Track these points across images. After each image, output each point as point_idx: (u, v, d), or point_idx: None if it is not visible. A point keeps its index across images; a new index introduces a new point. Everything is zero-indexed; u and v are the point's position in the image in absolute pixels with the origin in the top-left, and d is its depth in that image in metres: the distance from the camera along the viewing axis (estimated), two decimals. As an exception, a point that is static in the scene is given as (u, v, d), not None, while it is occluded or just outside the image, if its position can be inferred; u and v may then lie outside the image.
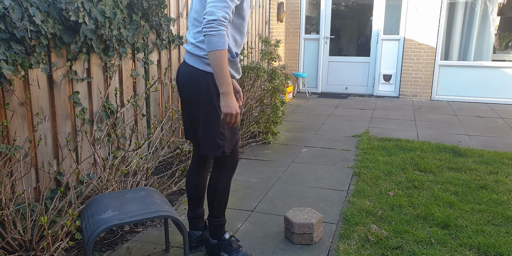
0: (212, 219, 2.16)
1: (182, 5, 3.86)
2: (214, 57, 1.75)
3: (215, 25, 1.73)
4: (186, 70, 1.99)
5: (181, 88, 2.05)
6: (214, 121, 1.96)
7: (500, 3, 7.04)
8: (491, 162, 3.73)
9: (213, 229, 2.17)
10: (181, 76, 2.02)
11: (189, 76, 1.97)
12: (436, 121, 5.50)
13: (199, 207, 2.26)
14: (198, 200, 2.25)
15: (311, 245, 2.34)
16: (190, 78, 1.97)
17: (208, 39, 1.74)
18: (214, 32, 1.73)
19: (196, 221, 2.26)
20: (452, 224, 2.54)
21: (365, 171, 3.49)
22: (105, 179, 2.41)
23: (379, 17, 7.18)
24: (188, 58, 2.00)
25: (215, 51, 1.74)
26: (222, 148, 2.00)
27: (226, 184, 2.13)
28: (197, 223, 2.27)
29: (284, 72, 5.66)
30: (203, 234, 2.27)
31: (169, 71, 3.74)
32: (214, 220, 2.16)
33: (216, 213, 2.14)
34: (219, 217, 2.15)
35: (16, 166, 2.17)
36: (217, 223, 2.16)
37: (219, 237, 2.17)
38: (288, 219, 2.37)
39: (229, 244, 2.16)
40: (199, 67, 1.93)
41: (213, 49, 1.74)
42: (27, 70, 2.25)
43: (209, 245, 2.18)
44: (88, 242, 1.71)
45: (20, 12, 2.09)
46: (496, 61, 6.83)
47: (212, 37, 1.73)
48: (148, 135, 3.47)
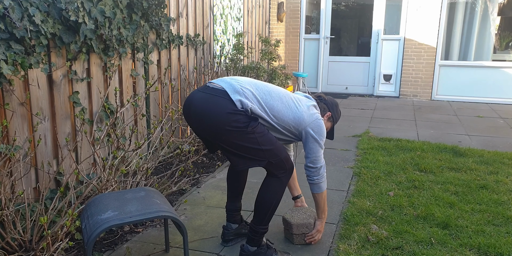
0: (258, 225, 2.09)
1: (182, 5, 3.86)
2: (322, 196, 2.26)
3: (321, 172, 2.19)
4: (211, 98, 1.91)
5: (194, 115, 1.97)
6: (248, 144, 1.93)
7: (500, 3, 7.03)
8: (491, 162, 3.72)
9: (257, 236, 2.10)
10: (200, 104, 1.93)
11: (213, 106, 1.90)
12: (436, 121, 5.50)
13: (238, 200, 2.34)
14: (238, 194, 2.33)
15: (311, 245, 2.33)
16: (215, 105, 1.90)
17: (319, 185, 2.21)
18: (323, 179, 2.21)
19: (234, 213, 2.34)
20: (452, 224, 2.54)
21: (365, 171, 3.49)
22: (105, 179, 2.41)
23: (379, 17, 7.17)
24: (227, 86, 1.94)
25: (324, 192, 2.26)
26: (265, 160, 2.00)
27: (282, 190, 2.11)
28: (235, 215, 2.34)
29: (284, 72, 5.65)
30: (239, 227, 2.35)
31: (169, 71, 3.74)
32: (261, 227, 2.09)
33: (266, 220, 2.09)
34: (266, 224, 2.10)
35: (16, 166, 2.17)
36: (263, 230, 2.10)
37: (259, 244, 2.12)
38: (286, 220, 2.35)
39: (268, 248, 2.15)
40: (233, 98, 1.90)
41: (323, 190, 2.23)
42: (26, 70, 2.24)
43: (247, 254, 2.11)
44: (88, 242, 1.70)
45: (20, 12, 2.08)
46: (496, 61, 6.83)
47: (323, 184, 2.22)
48: (148, 135, 3.47)
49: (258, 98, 1.97)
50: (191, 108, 1.97)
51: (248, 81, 2.03)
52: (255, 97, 1.96)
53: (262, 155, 1.98)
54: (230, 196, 2.35)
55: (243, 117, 1.90)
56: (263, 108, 1.98)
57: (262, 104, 1.98)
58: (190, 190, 3.14)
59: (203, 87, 2.02)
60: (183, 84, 4.04)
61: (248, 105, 1.92)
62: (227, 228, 2.33)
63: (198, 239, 2.41)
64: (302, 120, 2.07)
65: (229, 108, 1.88)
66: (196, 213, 2.75)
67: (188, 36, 4.00)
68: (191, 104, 1.98)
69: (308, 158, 2.15)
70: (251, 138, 1.92)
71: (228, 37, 5.11)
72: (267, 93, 2.01)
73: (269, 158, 2.00)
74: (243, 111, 1.91)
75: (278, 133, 2.09)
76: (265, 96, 1.99)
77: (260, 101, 1.98)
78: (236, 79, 2.02)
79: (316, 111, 2.16)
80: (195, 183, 3.29)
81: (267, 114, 1.99)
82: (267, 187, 2.09)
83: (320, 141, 2.12)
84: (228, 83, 1.97)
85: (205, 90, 1.98)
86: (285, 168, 2.07)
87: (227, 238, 2.32)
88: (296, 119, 2.06)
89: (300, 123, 2.07)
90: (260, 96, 1.98)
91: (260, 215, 2.08)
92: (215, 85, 1.98)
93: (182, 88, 4.03)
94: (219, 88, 1.95)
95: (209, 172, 3.54)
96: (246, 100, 1.92)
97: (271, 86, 2.08)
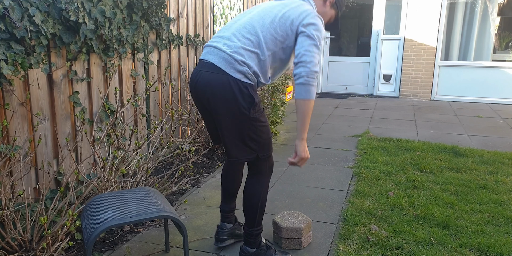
0: (251, 228, 2.06)
1: (182, 5, 3.86)
2: (307, 105, 1.85)
3: (315, 77, 1.84)
4: (212, 78, 1.85)
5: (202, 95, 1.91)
6: (248, 129, 1.89)
7: (500, 3, 7.04)
8: (491, 162, 3.73)
9: (253, 238, 2.08)
10: (204, 85, 1.87)
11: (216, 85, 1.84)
12: (436, 121, 5.50)
13: (233, 201, 2.29)
14: (232, 195, 2.27)
15: (311, 245, 2.33)
16: (218, 87, 1.83)
17: (307, 88, 1.83)
18: (315, 83, 1.85)
19: (229, 214, 2.29)
20: (452, 224, 2.54)
21: (365, 171, 3.49)
22: (105, 179, 2.41)
23: (379, 17, 7.18)
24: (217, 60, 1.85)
25: (310, 100, 1.84)
26: (255, 152, 1.96)
27: (265, 190, 2.06)
28: (230, 216, 2.30)
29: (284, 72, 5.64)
30: (233, 227, 2.31)
31: (169, 71, 3.74)
32: (254, 229, 2.06)
33: (257, 222, 2.06)
34: (259, 225, 2.08)
35: (16, 166, 2.17)
36: (257, 231, 2.07)
37: (258, 245, 2.10)
38: (276, 223, 2.32)
39: (268, 248, 2.13)
40: (231, 74, 1.82)
41: (309, 98, 1.84)
42: (27, 70, 2.24)
43: (248, 255, 2.09)
44: (88, 242, 1.71)
45: (20, 12, 2.08)
46: (496, 61, 6.83)
47: (312, 87, 1.84)
48: (148, 135, 3.47)
49: (254, 51, 1.85)
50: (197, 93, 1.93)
51: (237, 29, 1.90)
52: (251, 52, 1.85)
53: (256, 146, 1.94)
54: (225, 197, 2.29)
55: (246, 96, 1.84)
56: (261, 57, 1.87)
57: (260, 56, 1.86)
58: (190, 190, 3.14)
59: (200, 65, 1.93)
60: (183, 84, 4.04)
61: (251, 70, 1.84)
62: (221, 227, 2.29)
63: (198, 239, 2.41)
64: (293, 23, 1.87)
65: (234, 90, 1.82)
66: (196, 213, 2.75)
67: (188, 36, 4.00)
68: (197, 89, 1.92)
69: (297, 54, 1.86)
70: (253, 126, 1.89)
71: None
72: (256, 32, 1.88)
73: (260, 151, 1.96)
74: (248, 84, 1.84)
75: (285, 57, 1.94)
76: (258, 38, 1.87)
77: (257, 51, 1.86)
78: (227, 40, 1.88)
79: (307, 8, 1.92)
80: (195, 183, 3.29)
81: (266, 55, 1.88)
82: (251, 189, 2.04)
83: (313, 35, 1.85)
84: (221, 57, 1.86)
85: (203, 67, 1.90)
86: (268, 166, 2.05)
87: (221, 237, 2.28)
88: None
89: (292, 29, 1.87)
90: (255, 42, 1.86)
91: (251, 218, 2.06)
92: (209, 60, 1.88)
93: (182, 88, 4.03)
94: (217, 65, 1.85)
95: (209, 172, 3.54)
96: (246, 68, 1.83)
97: (256, 18, 1.90)
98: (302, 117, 1.88)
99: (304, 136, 1.92)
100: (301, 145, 1.92)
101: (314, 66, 1.83)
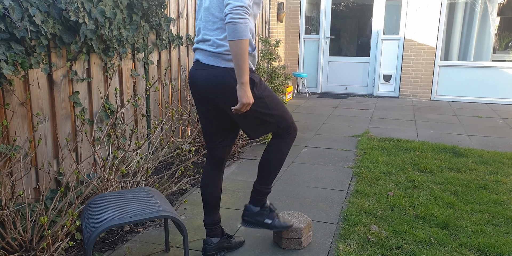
0: (262, 186, 2.13)
1: (182, 5, 3.86)
2: (239, 46, 1.68)
3: (242, 13, 1.65)
4: (208, 73, 1.90)
5: (205, 93, 1.95)
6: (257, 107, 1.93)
7: (500, 3, 7.04)
8: (491, 162, 3.73)
9: (260, 196, 2.14)
10: (204, 81, 1.92)
11: (214, 79, 1.89)
12: (436, 121, 5.50)
13: (215, 213, 2.19)
14: (215, 205, 2.17)
15: (311, 245, 2.33)
16: (216, 80, 1.88)
17: (233, 27, 1.65)
18: (241, 20, 1.65)
19: (213, 227, 2.19)
20: (452, 224, 2.54)
21: (365, 171, 3.49)
22: (105, 179, 2.41)
23: (379, 17, 7.18)
24: (206, 59, 1.91)
25: (241, 40, 1.67)
26: (275, 124, 2.03)
27: (288, 151, 2.12)
28: (215, 229, 2.19)
29: (284, 72, 5.66)
30: (221, 241, 2.21)
31: (169, 71, 3.74)
32: (264, 187, 2.13)
33: (270, 180, 2.12)
34: (270, 184, 2.14)
35: (16, 166, 2.17)
36: (266, 190, 2.14)
37: (262, 204, 2.15)
38: None
39: (272, 211, 2.18)
40: (222, 65, 1.86)
41: (239, 38, 1.67)
42: (27, 70, 2.25)
43: (251, 214, 2.15)
44: (88, 242, 1.71)
45: (20, 12, 2.09)
46: (496, 61, 6.83)
47: (239, 25, 1.65)
48: (148, 135, 3.47)
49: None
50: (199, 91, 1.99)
51: (204, 26, 1.93)
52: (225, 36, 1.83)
53: (272, 119, 2.00)
54: (207, 209, 2.17)
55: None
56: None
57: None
58: (190, 190, 3.15)
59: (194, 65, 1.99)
60: (183, 84, 4.04)
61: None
62: (207, 243, 2.18)
63: (198, 239, 2.41)
64: None
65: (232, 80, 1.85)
66: (196, 213, 2.75)
67: (188, 36, 4.00)
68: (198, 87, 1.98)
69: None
70: (262, 103, 1.94)
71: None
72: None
73: (278, 122, 2.03)
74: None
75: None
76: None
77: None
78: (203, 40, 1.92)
79: None
80: (195, 183, 3.29)
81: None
82: (273, 148, 2.11)
83: None
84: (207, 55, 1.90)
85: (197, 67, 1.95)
86: (291, 131, 2.10)
87: (208, 253, 2.17)
88: None
89: None
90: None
91: (264, 175, 2.12)
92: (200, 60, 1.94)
93: (182, 88, 4.03)
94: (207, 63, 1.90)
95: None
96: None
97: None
98: (236, 60, 1.71)
99: (244, 80, 1.75)
100: (241, 90, 1.76)
101: (238, 0, 1.66)
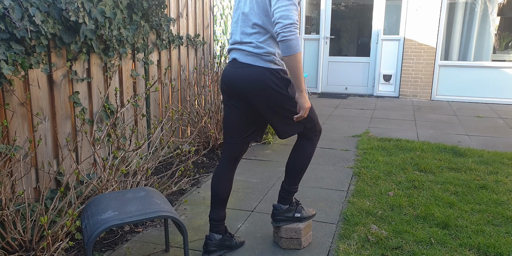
0: (291, 186, 2.25)
1: (182, 5, 3.86)
2: (294, 60, 1.85)
3: (293, 29, 1.81)
4: (245, 71, 2.00)
5: (240, 91, 2.03)
6: (290, 107, 2.04)
7: (500, 3, 7.04)
8: (491, 162, 3.73)
9: (290, 195, 2.27)
10: (240, 79, 2.01)
11: (251, 77, 1.98)
12: (436, 121, 5.50)
13: (223, 208, 2.21)
14: (224, 200, 2.20)
15: (311, 245, 2.33)
16: (253, 78, 1.98)
17: (287, 44, 1.82)
18: (293, 36, 1.81)
19: (218, 223, 2.20)
20: (452, 224, 2.54)
21: (365, 171, 3.49)
22: (105, 179, 2.41)
23: (379, 17, 7.18)
24: (244, 58, 2.01)
25: (296, 54, 1.84)
26: (303, 124, 2.12)
27: (313, 152, 2.23)
28: (219, 225, 2.20)
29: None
30: (223, 238, 2.21)
31: (169, 71, 3.74)
32: (294, 187, 2.26)
33: (298, 180, 2.25)
34: (298, 183, 2.27)
35: (16, 166, 2.17)
36: (295, 190, 2.27)
37: (290, 202, 2.28)
38: None
39: (297, 204, 2.31)
40: (260, 65, 1.97)
41: (293, 52, 1.83)
42: (27, 70, 2.25)
43: (281, 212, 2.26)
44: (88, 242, 1.71)
45: (20, 12, 2.09)
46: (496, 61, 6.83)
47: (292, 41, 1.81)
48: (148, 135, 3.47)
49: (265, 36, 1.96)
50: (233, 89, 2.06)
51: (241, 30, 2.02)
52: (265, 39, 1.96)
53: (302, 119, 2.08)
54: (215, 204, 2.19)
55: (281, 80, 1.99)
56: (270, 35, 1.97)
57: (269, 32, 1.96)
58: (190, 190, 3.15)
59: (231, 64, 2.08)
60: (183, 84, 4.04)
61: (276, 56, 1.97)
62: (210, 238, 2.19)
63: (198, 239, 2.41)
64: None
65: (268, 79, 1.96)
66: (196, 213, 2.75)
67: (188, 36, 4.00)
68: (233, 85, 2.05)
69: (272, 15, 1.88)
70: (293, 102, 2.02)
71: (228, 37, 5.12)
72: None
73: (306, 122, 2.13)
74: (279, 70, 1.99)
75: None
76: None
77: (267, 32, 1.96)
78: (241, 43, 2.02)
79: None
80: (195, 183, 3.29)
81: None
82: (300, 150, 2.20)
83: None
84: (246, 55, 2.00)
85: (234, 65, 2.05)
86: (316, 131, 2.20)
87: (209, 248, 2.18)
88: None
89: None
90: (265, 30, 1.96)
91: (293, 176, 2.23)
92: (238, 59, 2.03)
93: (182, 88, 4.03)
94: (246, 62, 2.00)
95: (209, 172, 3.54)
96: (272, 57, 1.96)
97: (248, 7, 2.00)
98: (293, 73, 1.90)
99: (302, 88, 1.95)
100: (301, 97, 1.97)
101: (287, 18, 1.81)
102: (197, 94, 4.10)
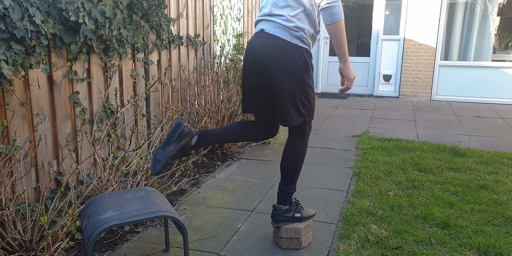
0: (288, 186, 2.23)
1: (182, 5, 3.86)
2: (339, 27, 1.87)
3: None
4: (271, 42, 1.96)
5: (260, 62, 2.01)
6: (301, 93, 2.01)
7: (500, 3, 7.04)
8: (491, 162, 3.73)
9: (288, 196, 2.25)
10: (263, 49, 1.98)
11: (276, 49, 1.95)
12: (436, 121, 5.50)
13: (217, 138, 2.21)
14: (226, 136, 2.22)
15: (310, 245, 2.33)
16: (277, 51, 1.95)
17: (330, 11, 1.84)
18: (335, 3, 1.85)
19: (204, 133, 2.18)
20: (452, 224, 2.54)
21: (365, 171, 3.49)
22: (105, 179, 2.41)
23: (379, 17, 7.18)
24: (272, 29, 1.97)
25: (340, 21, 1.86)
26: (303, 117, 2.10)
27: (306, 150, 2.23)
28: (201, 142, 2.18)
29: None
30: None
31: (169, 71, 3.74)
32: (291, 187, 2.24)
33: (294, 180, 2.23)
34: (295, 183, 2.26)
35: (16, 166, 2.17)
36: (293, 189, 2.26)
37: (290, 202, 2.27)
38: None
39: (297, 204, 2.30)
40: (288, 40, 1.94)
41: (337, 20, 1.85)
42: (27, 70, 2.25)
43: (281, 212, 2.25)
44: (88, 242, 1.71)
45: (20, 12, 2.09)
46: (496, 61, 6.84)
47: (335, 8, 1.84)
48: (148, 135, 3.47)
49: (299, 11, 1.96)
50: (255, 59, 2.04)
51: (272, 3, 2.01)
52: (297, 13, 1.95)
53: (305, 111, 2.07)
54: (220, 129, 2.21)
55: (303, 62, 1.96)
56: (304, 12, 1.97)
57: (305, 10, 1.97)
58: (190, 190, 3.15)
59: (257, 34, 2.05)
60: (183, 84, 4.04)
61: (305, 33, 1.95)
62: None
63: (198, 239, 2.41)
64: None
65: (294, 57, 1.94)
66: (196, 213, 2.75)
67: (188, 36, 4.00)
68: (255, 54, 2.02)
69: None
70: (305, 90, 2.01)
71: (228, 37, 5.12)
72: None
73: (307, 116, 2.11)
74: (304, 49, 1.95)
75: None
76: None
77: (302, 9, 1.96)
78: (271, 14, 2.00)
79: None
80: (195, 183, 3.29)
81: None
82: (292, 150, 2.20)
83: None
84: (276, 26, 1.97)
85: (261, 35, 2.01)
86: (309, 128, 2.21)
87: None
88: None
89: None
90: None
91: (289, 177, 2.21)
92: (266, 30, 2.00)
93: (182, 88, 4.03)
94: (274, 33, 1.97)
95: (209, 172, 3.54)
96: (301, 33, 1.95)
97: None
98: (337, 41, 1.91)
99: (347, 58, 1.95)
100: (346, 68, 1.96)
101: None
102: (197, 94, 4.10)
